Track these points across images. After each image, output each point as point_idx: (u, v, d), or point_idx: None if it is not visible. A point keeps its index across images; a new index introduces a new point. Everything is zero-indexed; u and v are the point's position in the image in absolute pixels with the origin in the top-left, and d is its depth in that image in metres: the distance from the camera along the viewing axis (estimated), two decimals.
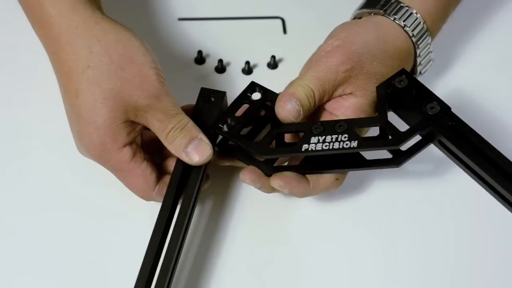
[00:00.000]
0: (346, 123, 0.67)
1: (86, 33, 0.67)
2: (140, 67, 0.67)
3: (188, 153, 0.67)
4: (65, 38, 0.67)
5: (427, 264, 0.71)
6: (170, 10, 0.87)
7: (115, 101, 0.66)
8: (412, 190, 0.74)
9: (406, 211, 0.73)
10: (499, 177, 0.65)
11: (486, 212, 0.73)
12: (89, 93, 0.66)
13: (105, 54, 0.66)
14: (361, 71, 0.70)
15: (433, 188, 0.74)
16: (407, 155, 0.68)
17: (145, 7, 0.88)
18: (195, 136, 0.67)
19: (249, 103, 0.70)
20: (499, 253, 0.71)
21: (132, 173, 0.68)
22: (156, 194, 0.68)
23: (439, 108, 0.66)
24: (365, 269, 0.70)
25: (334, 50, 0.70)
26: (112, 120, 0.66)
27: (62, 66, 0.68)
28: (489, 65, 0.84)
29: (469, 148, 0.66)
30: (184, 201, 0.67)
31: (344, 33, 0.72)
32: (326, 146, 0.67)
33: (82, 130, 0.67)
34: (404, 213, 0.73)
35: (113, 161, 0.67)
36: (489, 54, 0.85)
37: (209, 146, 0.67)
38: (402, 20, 0.74)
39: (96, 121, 0.66)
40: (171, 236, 0.65)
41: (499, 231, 0.72)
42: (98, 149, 0.67)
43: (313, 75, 0.70)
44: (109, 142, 0.67)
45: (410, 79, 0.68)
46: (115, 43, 0.67)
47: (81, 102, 0.67)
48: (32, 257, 0.69)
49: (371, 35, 0.72)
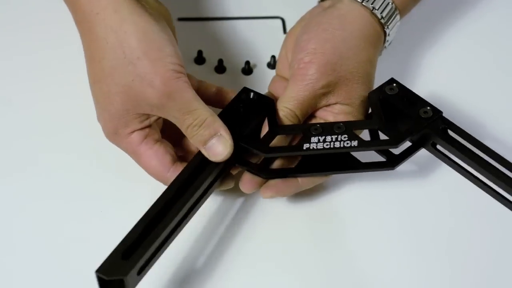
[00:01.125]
0: (344, 125, 0.68)
1: (104, 22, 0.65)
2: (153, 63, 0.65)
3: (207, 149, 0.66)
4: (87, 24, 0.66)
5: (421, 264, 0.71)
6: (170, 10, 0.87)
7: (127, 96, 0.65)
8: (400, 189, 0.74)
9: (393, 211, 0.73)
10: (494, 173, 0.66)
11: (477, 209, 0.73)
12: (104, 83, 0.66)
13: (119, 47, 0.65)
14: (339, 81, 0.70)
15: (421, 187, 0.74)
16: (400, 159, 0.70)
17: None
18: (216, 132, 0.66)
19: (244, 105, 0.70)
20: (492, 249, 0.71)
21: (144, 155, 0.67)
22: (171, 176, 0.66)
23: (431, 112, 0.69)
24: (366, 272, 0.70)
25: (306, 67, 0.70)
26: (124, 112, 0.66)
27: (86, 50, 0.68)
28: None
29: (462, 148, 0.68)
30: (188, 194, 0.64)
31: (312, 45, 0.71)
32: (327, 145, 0.67)
33: (99, 113, 0.68)
34: (391, 212, 0.73)
35: (123, 144, 0.68)
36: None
37: (228, 143, 0.66)
38: (370, 2, 0.73)
39: (110, 110, 0.66)
40: (162, 221, 0.63)
41: (492, 229, 0.72)
42: (112, 132, 0.68)
43: (291, 96, 0.70)
44: (121, 128, 0.67)
45: (400, 87, 0.71)
46: (130, 35, 0.65)
47: (97, 88, 0.67)
48: (31, 257, 0.69)
49: (340, 37, 0.71)
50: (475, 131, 0.71)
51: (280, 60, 0.77)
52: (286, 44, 0.76)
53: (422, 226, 0.72)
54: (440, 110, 0.69)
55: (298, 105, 0.70)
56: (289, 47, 0.75)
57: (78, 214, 0.72)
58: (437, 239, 0.71)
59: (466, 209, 0.73)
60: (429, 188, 0.74)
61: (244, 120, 0.69)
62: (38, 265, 0.69)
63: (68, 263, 0.69)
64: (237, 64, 0.84)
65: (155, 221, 0.62)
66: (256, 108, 0.70)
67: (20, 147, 0.75)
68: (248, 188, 0.70)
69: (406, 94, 0.70)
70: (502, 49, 0.87)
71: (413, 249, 0.71)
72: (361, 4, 0.73)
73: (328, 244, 0.71)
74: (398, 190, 0.74)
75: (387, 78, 0.72)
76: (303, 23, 0.75)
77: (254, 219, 0.72)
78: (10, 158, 0.75)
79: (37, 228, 0.71)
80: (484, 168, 0.67)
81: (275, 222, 0.72)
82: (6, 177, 0.74)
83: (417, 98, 0.70)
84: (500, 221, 0.72)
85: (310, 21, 0.73)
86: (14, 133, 0.76)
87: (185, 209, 0.64)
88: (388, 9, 0.73)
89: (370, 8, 0.73)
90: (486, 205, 0.70)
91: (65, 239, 0.70)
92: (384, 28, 0.74)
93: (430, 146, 0.70)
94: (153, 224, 0.62)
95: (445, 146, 0.69)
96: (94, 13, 0.66)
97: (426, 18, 0.87)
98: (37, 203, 0.72)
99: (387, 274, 0.69)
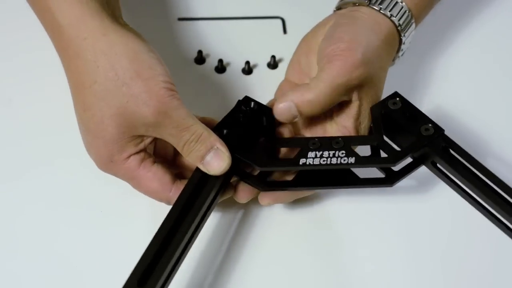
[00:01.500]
0: (342, 140, 0.67)
1: (93, 46, 0.65)
2: (146, 82, 0.64)
3: (205, 164, 0.66)
4: (73, 49, 0.66)
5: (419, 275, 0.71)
6: (170, 10, 0.87)
7: (123, 117, 0.65)
8: (398, 204, 0.74)
9: (387, 225, 0.73)
10: (492, 198, 0.65)
11: (475, 227, 0.72)
12: (97, 108, 0.65)
13: (111, 70, 0.64)
14: (367, 77, 0.70)
15: (419, 201, 0.74)
16: (399, 175, 0.69)
17: (145, 7, 0.88)
18: (212, 146, 0.66)
19: (243, 115, 0.69)
20: (489, 267, 0.71)
21: (144, 178, 0.67)
22: (174, 195, 0.66)
23: (433, 130, 0.68)
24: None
25: (343, 54, 0.69)
26: (120, 135, 0.65)
27: (72, 77, 0.67)
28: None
29: (462, 169, 0.67)
30: (193, 210, 0.64)
31: (349, 36, 0.70)
32: (323, 161, 0.67)
33: (90, 142, 0.67)
34: (381, 226, 0.73)
35: (122, 171, 0.67)
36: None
37: (226, 156, 0.66)
38: (388, 10, 0.73)
39: (104, 136, 0.65)
40: (172, 242, 0.63)
41: (490, 247, 0.71)
42: (106, 161, 0.66)
43: (326, 79, 0.68)
44: (116, 154, 0.66)
45: (403, 101, 0.70)
46: (121, 57, 0.64)
47: (89, 116, 0.65)
48: (30, 257, 0.69)
49: (371, 36, 0.71)
50: (478, 145, 0.70)
51: (291, 65, 0.76)
52: (299, 49, 0.76)
53: (419, 239, 0.72)
54: (442, 128, 0.68)
55: (333, 89, 0.68)
56: (302, 52, 0.75)
57: (78, 214, 0.72)
58: (433, 254, 0.71)
59: (463, 226, 0.73)
60: (427, 203, 0.74)
61: (244, 130, 0.69)
62: (38, 265, 0.69)
63: (68, 263, 0.69)
64: (237, 64, 0.84)
65: (165, 243, 0.62)
66: (256, 117, 0.70)
67: (20, 147, 0.75)
68: (242, 197, 0.69)
69: (409, 109, 0.69)
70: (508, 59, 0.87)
71: (410, 261, 0.71)
72: (379, 12, 0.73)
73: (326, 256, 0.71)
74: (396, 204, 0.74)
75: (390, 84, 0.72)
76: (320, 29, 0.74)
77: (255, 231, 0.72)
78: (10, 158, 0.75)
79: (38, 228, 0.71)
80: (482, 192, 0.66)
81: (277, 234, 0.72)
82: (6, 177, 0.74)
83: (420, 114, 0.69)
84: (497, 239, 0.70)
85: (339, 20, 0.73)
86: (14, 133, 0.76)
87: (193, 227, 0.64)
88: (405, 17, 0.73)
89: (388, 15, 0.73)
90: (484, 224, 0.69)
91: (65, 239, 0.70)
92: (400, 36, 0.73)
93: (430, 164, 0.69)
94: (164, 246, 0.62)
95: (444, 166, 0.68)
96: (81, 38, 0.65)
97: (432, 27, 0.86)
98: (37, 203, 0.72)
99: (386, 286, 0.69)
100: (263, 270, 0.69)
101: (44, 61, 0.82)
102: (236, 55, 0.84)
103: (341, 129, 0.71)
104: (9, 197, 0.72)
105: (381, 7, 0.73)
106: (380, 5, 0.73)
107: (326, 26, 0.73)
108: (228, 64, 0.84)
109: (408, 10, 0.73)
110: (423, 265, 0.70)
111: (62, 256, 0.69)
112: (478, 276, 0.70)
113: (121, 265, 0.69)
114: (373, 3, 0.73)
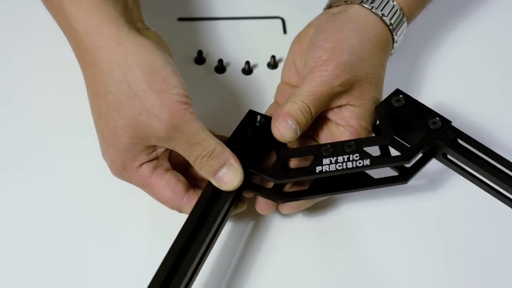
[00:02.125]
0: (354, 143, 0.67)
1: (108, 56, 0.64)
2: (159, 95, 0.64)
3: (217, 179, 0.65)
4: (90, 58, 0.65)
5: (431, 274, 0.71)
6: (170, 10, 0.87)
7: (135, 129, 0.64)
8: (411, 204, 0.74)
9: (403, 225, 0.73)
10: (507, 182, 0.66)
11: (489, 218, 0.73)
12: (111, 118, 0.65)
13: (124, 81, 0.64)
14: (355, 80, 0.70)
15: (432, 199, 0.74)
16: (412, 172, 0.69)
17: (145, 7, 0.88)
18: (225, 162, 0.65)
19: (251, 129, 0.69)
20: (509, 256, 0.71)
21: (156, 186, 0.67)
22: (185, 204, 0.66)
23: (440, 122, 0.68)
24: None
25: (325, 64, 0.69)
26: (133, 145, 0.65)
27: (89, 84, 0.67)
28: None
29: (474, 157, 0.67)
30: (206, 226, 0.64)
31: (330, 43, 0.70)
32: (339, 166, 0.66)
33: (105, 149, 0.67)
34: (401, 227, 0.73)
35: (134, 178, 0.67)
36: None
37: (238, 172, 0.65)
38: (379, 9, 0.73)
39: (117, 145, 0.65)
40: (185, 260, 0.62)
41: (509, 235, 0.72)
42: (120, 168, 0.67)
43: (308, 91, 0.69)
44: (129, 162, 0.66)
45: (406, 98, 0.70)
46: (135, 68, 0.64)
47: (103, 124, 0.66)
48: (30, 257, 0.69)
49: (356, 38, 0.71)
50: (480, 136, 0.70)
51: (286, 66, 0.76)
52: (292, 50, 0.76)
53: (438, 238, 0.72)
54: (449, 119, 0.68)
55: (315, 100, 0.69)
56: (296, 53, 0.75)
57: (78, 214, 0.72)
58: (450, 250, 0.71)
59: (480, 217, 0.73)
60: (440, 199, 0.74)
61: (253, 144, 0.69)
62: (38, 265, 0.69)
63: (68, 263, 0.69)
64: (237, 64, 0.84)
65: (178, 260, 0.62)
66: (264, 131, 0.69)
67: (20, 148, 0.75)
68: (264, 210, 0.69)
69: (413, 105, 0.69)
70: (505, 52, 0.87)
71: (434, 260, 0.71)
72: (370, 11, 0.73)
73: (341, 262, 0.71)
74: (409, 204, 0.74)
75: (389, 82, 0.72)
76: (311, 29, 0.74)
77: (268, 240, 0.72)
78: (10, 158, 0.75)
79: (37, 228, 0.71)
80: (496, 176, 0.66)
81: (291, 241, 0.72)
82: (6, 177, 0.74)
83: (425, 108, 0.69)
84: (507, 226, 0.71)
85: (323, 24, 0.73)
86: (14, 133, 0.76)
87: (205, 244, 0.64)
88: (396, 16, 0.73)
89: (380, 15, 0.73)
90: (499, 210, 0.69)
91: (65, 239, 0.70)
92: (393, 35, 0.74)
93: (441, 156, 0.69)
94: (177, 263, 0.62)
95: (456, 156, 0.68)
96: (98, 47, 0.65)
97: (427, 23, 0.86)
98: (37, 203, 0.72)
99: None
100: (277, 278, 0.69)
101: (44, 61, 0.82)
102: (236, 55, 0.84)
103: (348, 128, 0.71)
104: (9, 197, 0.72)
105: (373, 5, 0.73)
106: (372, 3, 0.73)
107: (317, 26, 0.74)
108: (228, 64, 0.84)
109: (400, 9, 0.73)
110: (448, 263, 0.71)
111: (62, 256, 0.69)
112: (494, 266, 0.70)
113: (121, 265, 0.69)
114: (364, 1, 0.73)
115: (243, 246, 0.71)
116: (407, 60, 0.84)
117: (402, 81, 0.79)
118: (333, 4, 0.76)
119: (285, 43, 0.83)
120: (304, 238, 0.72)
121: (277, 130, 0.68)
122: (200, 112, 0.70)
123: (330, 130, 0.72)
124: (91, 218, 0.72)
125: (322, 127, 0.72)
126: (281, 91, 0.76)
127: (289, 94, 0.72)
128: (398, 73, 0.80)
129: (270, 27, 0.87)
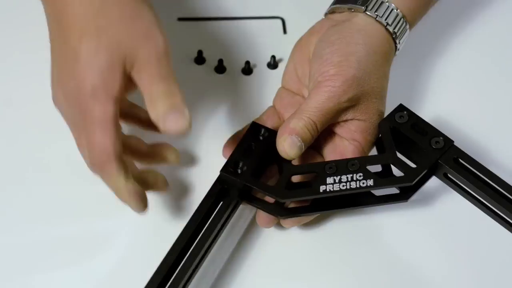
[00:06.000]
0: (358, 162, 0.67)
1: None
2: (148, 25, 0.64)
3: (165, 119, 0.62)
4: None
5: None
6: (170, 10, 0.87)
7: (118, 50, 0.63)
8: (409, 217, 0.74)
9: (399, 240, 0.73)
10: (506, 205, 0.66)
11: (485, 236, 0.73)
12: (95, 38, 0.63)
13: (118, 4, 0.64)
14: (361, 96, 0.70)
15: (429, 214, 0.74)
16: (413, 190, 0.69)
17: None
18: (178, 107, 0.63)
19: (255, 143, 0.69)
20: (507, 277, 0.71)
21: (100, 129, 0.62)
22: (118, 168, 0.63)
23: (443, 142, 0.68)
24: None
25: (332, 79, 0.69)
26: (110, 68, 0.63)
27: (67, 7, 0.65)
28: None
29: (474, 179, 0.67)
30: (201, 239, 0.65)
31: (338, 57, 0.70)
32: (343, 186, 0.66)
33: (73, 73, 0.63)
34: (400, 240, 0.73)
35: (96, 112, 0.62)
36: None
37: (187, 122, 0.62)
38: (384, 18, 0.72)
39: (93, 66, 0.63)
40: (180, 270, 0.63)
41: (506, 256, 0.72)
42: (84, 94, 0.63)
43: (314, 107, 0.68)
44: (100, 89, 0.62)
45: (410, 114, 0.70)
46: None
47: (83, 45, 0.63)
48: (29, 257, 0.69)
49: (362, 51, 0.70)
50: (477, 154, 0.70)
51: (287, 74, 0.76)
52: (293, 57, 0.75)
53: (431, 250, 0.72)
54: (452, 139, 0.68)
55: (321, 116, 0.69)
56: (297, 61, 0.74)
57: (78, 214, 0.72)
58: (443, 266, 0.71)
59: (479, 235, 0.73)
60: (436, 213, 0.74)
61: (257, 159, 0.69)
62: (37, 265, 0.69)
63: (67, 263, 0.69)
64: (237, 64, 0.84)
65: (177, 262, 0.63)
66: (268, 145, 0.69)
67: (20, 148, 0.76)
68: (265, 224, 0.69)
69: (417, 122, 0.69)
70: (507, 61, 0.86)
71: (423, 269, 0.71)
72: (375, 20, 0.72)
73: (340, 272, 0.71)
74: (407, 217, 0.74)
75: (390, 88, 0.72)
76: (313, 36, 0.73)
77: (259, 245, 0.71)
78: (11, 158, 0.75)
79: (37, 228, 0.71)
80: (496, 200, 0.66)
81: (284, 247, 0.72)
82: (6, 177, 0.74)
83: (428, 126, 0.69)
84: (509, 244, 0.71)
85: (329, 37, 0.72)
86: (14, 133, 0.76)
87: (201, 254, 0.64)
88: (400, 24, 0.73)
89: (384, 24, 0.72)
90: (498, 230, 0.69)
91: (65, 238, 0.70)
92: (396, 43, 0.73)
93: (442, 175, 0.69)
94: (176, 264, 0.63)
95: (457, 177, 0.68)
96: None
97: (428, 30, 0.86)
98: (36, 203, 0.72)
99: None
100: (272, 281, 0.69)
101: (44, 61, 0.82)
102: (236, 55, 0.84)
103: (353, 142, 0.71)
104: (9, 197, 0.72)
105: (377, 14, 0.72)
106: (376, 12, 0.72)
107: (320, 33, 0.73)
108: (228, 64, 0.84)
109: (403, 16, 0.73)
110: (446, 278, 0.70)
111: (62, 256, 0.69)
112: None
113: (121, 265, 0.69)
114: (369, 10, 0.72)
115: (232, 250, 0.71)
116: (407, 68, 0.83)
117: (402, 87, 0.78)
118: (336, 11, 0.75)
119: (285, 43, 0.83)
120: (298, 245, 0.71)
121: (282, 147, 0.68)
122: (200, 112, 0.70)
123: (334, 143, 0.72)
124: (91, 218, 0.72)
125: (326, 140, 0.72)
126: (280, 97, 0.75)
127: (289, 102, 0.72)
128: (398, 80, 0.79)
129: (270, 27, 0.87)
